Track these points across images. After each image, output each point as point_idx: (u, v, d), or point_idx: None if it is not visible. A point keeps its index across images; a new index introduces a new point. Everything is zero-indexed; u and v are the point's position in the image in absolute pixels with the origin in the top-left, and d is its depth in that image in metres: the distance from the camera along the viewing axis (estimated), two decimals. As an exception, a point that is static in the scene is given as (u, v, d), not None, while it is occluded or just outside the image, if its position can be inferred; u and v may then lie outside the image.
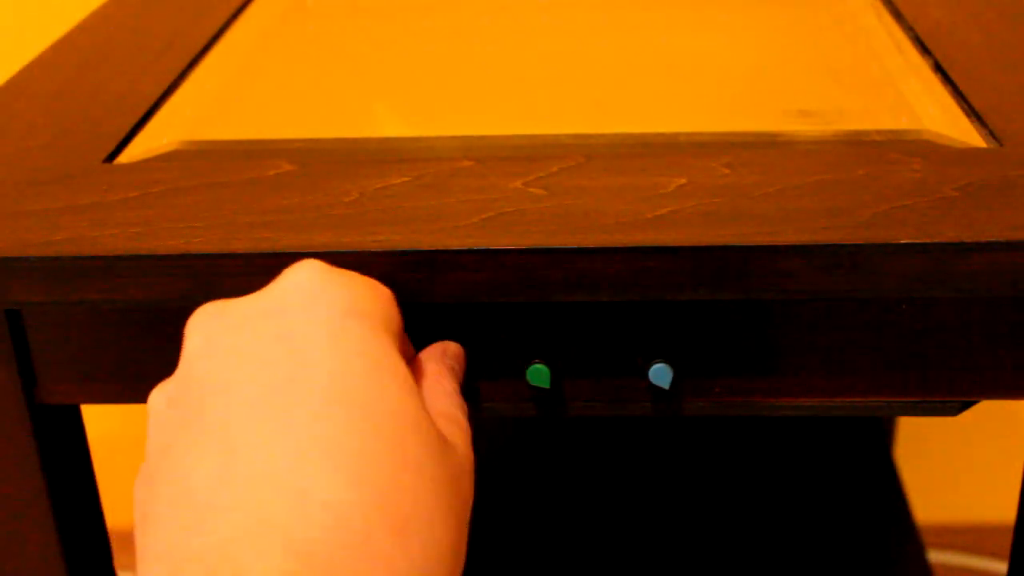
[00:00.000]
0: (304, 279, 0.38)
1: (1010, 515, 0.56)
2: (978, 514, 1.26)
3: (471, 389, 0.49)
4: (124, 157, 0.54)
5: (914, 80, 0.59)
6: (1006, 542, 0.57)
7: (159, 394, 0.38)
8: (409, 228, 0.45)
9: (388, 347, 0.36)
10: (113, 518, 0.60)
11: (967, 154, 0.50)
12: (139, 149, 0.54)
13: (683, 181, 0.48)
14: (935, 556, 1.22)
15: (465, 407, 0.41)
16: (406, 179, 0.49)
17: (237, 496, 0.31)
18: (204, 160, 0.53)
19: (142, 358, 0.49)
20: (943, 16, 0.66)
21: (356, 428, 0.33)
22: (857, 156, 0.50)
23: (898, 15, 0.68)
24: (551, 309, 0.48)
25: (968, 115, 0.54)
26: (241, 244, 0.45)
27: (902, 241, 0.43)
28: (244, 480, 0.32)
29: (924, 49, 0.62)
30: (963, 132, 0.53)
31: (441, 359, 0.44)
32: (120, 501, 0.96)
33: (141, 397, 0.50)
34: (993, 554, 1.24)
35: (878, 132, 0.55)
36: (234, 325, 0.37)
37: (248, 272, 0.45)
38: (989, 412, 1.21)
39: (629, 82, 0.65)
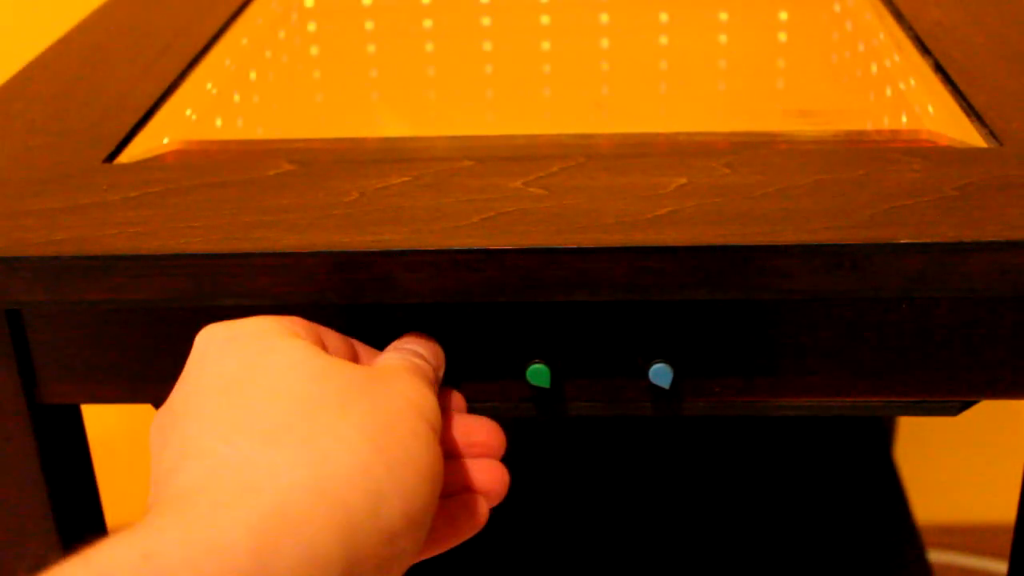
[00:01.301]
0: (197, 341, 0.42)
1: (1010, 515, 0.56)
2: (978, 514, 1.26)
3: (471, 389, 0.49)
4: (124, 157, 0.54)
5: (914, 80, 0.59)
6: (1006, 542, 0.57)
7: None
8: (409, 228, 0.45)
9: (275, 342, 0.41)
10: (113, 518, 0.60)
11: (967, 154, 0.50)
12: (139, 149, 0.54)
13: (683, 181, 0.48)
14: (935, 556, 1.22)
15: (404, 358, 0.44)
16: (406, 179, 0.49)
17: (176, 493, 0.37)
18: (204, 160, 0.53)
19: (142, 358, 0.49)
20: (943, 16, 0.66)
21: (233, 402, 0.38)
22: (857, 156, 0.50)
23: (898, 15, 0.68)
24: (551, 309, 0.48)
25: (968, 115, 0.54)
26: (241, 244, 0.45)
27: (902, 241, 0.43)
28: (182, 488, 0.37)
29: (924, 49, 0.62)
30: (963, 132, 0.53)
31: (394, 345, 0.46)
32: (120, 501, 0.96)
33: (141, 397, 0.50)
34: (993, 554, 1.24)
35: (878, 132, 0.55)
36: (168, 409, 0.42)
37: (248, 272, 0.45)
38: (989, 412, 1.21)
39: (629, 82, 0.65)
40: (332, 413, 0.38)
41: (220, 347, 0.41)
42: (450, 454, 0.45)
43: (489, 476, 0.45)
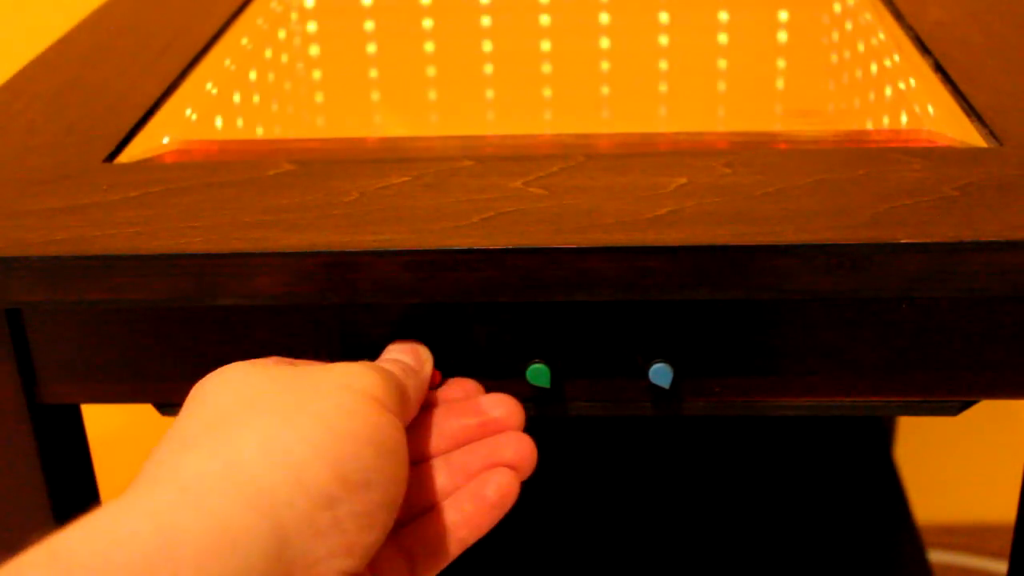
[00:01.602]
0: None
1: (1010, 515, 0.56)
2: (978, 514, 1.26)
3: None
4: (124, 157, 0.54)
5: (914, 80, 0.59)
6: (1006, 542, 0.57)
7: None
8: (409, 228, 0.45)
9: (225, 370, 0.42)
10: (113, 518, 0.60)
11: (967, 154, 0.50)
12: (139, 149, 0.54)
13: (683, 181, 0.48)
14: (935, 556, 1.22)
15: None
16: (406, 179, 0.49)
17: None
18: (204, 160, 0.53)
19: (142, 358, 0.49)
20: (943, 16, 0.66)
21: (173, 430, 0.40)
22: (857, 156, 0.50)
23: (898, 15, 0.68)
24: (551, 309, 0.48)
25: (968, 115, 0.54)
26: (241, 244, 0.45)
27: (902, 241, 0.43)
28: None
29: (924, 49, 0.62)
30: (963, 132, 0.53)
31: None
32: (120, 501, 0.96)
33: (141, 397, 0.50)
34: (993, 554, 1.24)
35: (878, 132, 0.55)
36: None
37: (248, 272, 0.45)
38: (989, 412, 1.21)
39: (629, 82, 0.65)
40: (249, 411, 0.39)
41: (196, 390, 0.42)
42: (470, 437, 0.45)
43: (514, 449, 0.45)
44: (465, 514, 0.44)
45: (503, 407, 0.46)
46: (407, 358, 0.46)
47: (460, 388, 0.47)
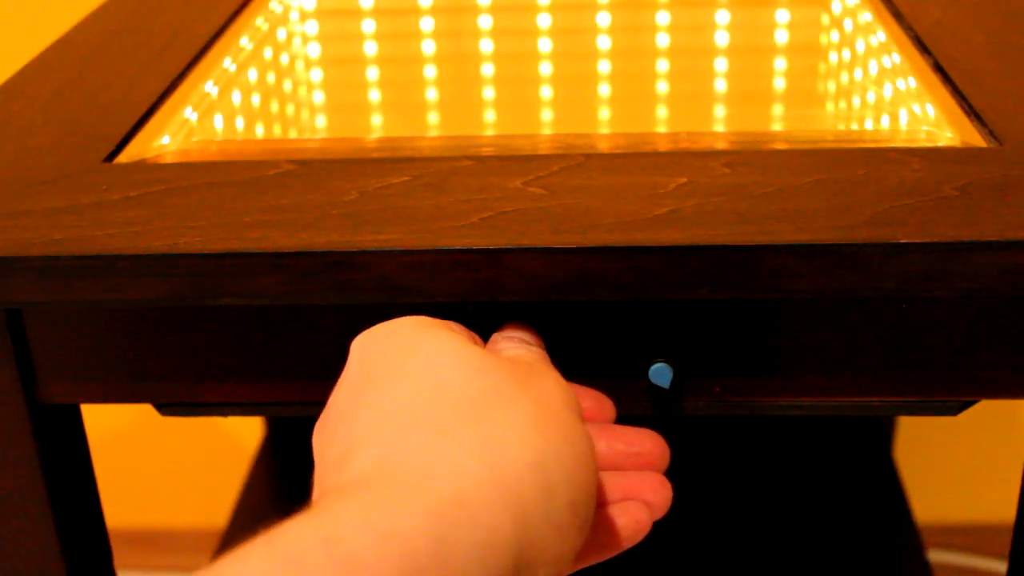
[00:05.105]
0: (354, 346, 0.42)
1: (1010, 515, 0.56)
2: (978, 514, 1.26)
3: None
4: (124, 157, 0.54)
5: (914, 80, 0.59)
6: (1006, 542, 0.57)
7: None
8: (409, 228, 0.45)
9: (431, 332, 0.41)
10: (113, 518, 0.60)
11: (967, 154, 0.50)
12: (139, 149, 0.54)
13: (683, 180, 0.48)
14: (935, 556, 1.21)
15: (531, 351, 0.45)
16: (406, 179, 0.49)
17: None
18: (204, 160, 0.53)
19: (142, 358, 0.49)
20: (943, 16, 0.66)
21: (399, 393, 0.39)
22: (857, 156, 0.50)
23: (898, 15, 0.68)
24: (551, 309, 0.48)
25: (968, 115, 0.54)
26: (241, 244, 0.45)
27: (902, 241, 0.43)
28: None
29: (924, 49, 0.62)
30: (963, 132, 0.53)
31: (505, 336, 0.47)
32: (120, 501, 0.96)
33: (140, 397, 0.50)
34: (993, 554, 1.24)
35: (878, 132, 0.55)
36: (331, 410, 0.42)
37: (248, 272, 0.45)
38: (989, 412, 1.21)
39: (629, 82, 0.65)
40: (500, 405, 0.38)
41: (378, 344, 0.41)
42: (615, 464, 0.44)
43: (653, 488, 0.44)
44: (594, 538, 0.42)
45: (653, 444, 0.45)
46: (534, 345, 0.45)
47: (604, 407, 0.46)
